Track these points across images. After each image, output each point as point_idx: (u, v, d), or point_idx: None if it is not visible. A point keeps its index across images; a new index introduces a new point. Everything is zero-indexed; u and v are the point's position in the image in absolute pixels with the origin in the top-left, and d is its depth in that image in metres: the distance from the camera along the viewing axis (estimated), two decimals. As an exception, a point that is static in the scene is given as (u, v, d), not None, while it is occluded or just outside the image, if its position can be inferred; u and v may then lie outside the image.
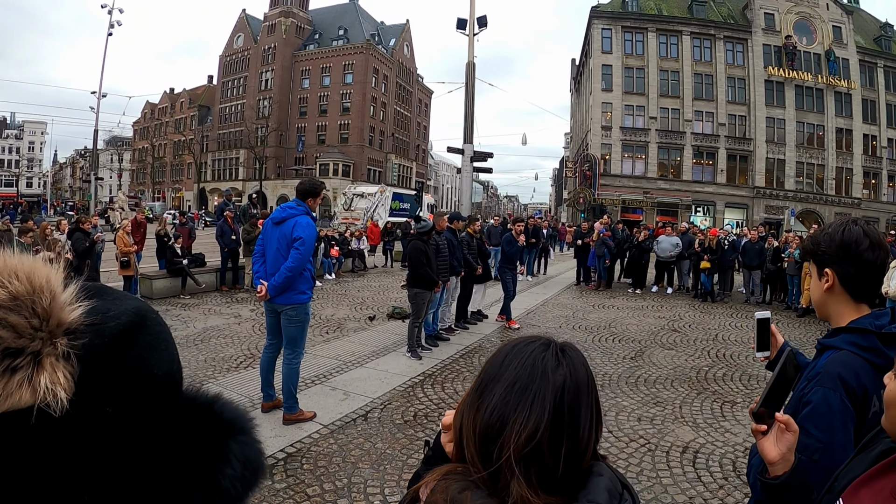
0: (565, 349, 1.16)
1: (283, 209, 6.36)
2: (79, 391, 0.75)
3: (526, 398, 1.07)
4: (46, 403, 0.72)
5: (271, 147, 75.52)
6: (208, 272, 15.78)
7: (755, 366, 9.28)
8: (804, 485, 1.49)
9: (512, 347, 1.17)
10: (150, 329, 0.86)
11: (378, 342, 10.13)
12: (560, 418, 1.07)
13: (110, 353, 0.79)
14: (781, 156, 52.05)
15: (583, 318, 13.39)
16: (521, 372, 1.10)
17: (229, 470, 0.87)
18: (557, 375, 1.10)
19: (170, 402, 0.88)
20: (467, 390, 1.20)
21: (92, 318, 0.79)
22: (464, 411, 1.16)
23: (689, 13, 54.50)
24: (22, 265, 0.78)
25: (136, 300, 0.90)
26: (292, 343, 6.26)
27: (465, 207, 18.54)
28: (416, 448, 5.64)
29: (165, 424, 0.84)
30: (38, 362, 0.73)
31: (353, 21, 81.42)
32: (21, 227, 13.27)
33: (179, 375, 0.92)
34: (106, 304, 0.83)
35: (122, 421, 0.79)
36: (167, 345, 0.89)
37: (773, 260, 16.52)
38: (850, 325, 1.80)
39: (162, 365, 0.87)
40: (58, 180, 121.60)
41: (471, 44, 19.01)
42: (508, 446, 1.04)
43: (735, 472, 5.35)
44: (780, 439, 1.49)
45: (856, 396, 1.66)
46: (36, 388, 0.72)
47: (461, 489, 1.06)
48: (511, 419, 1.06)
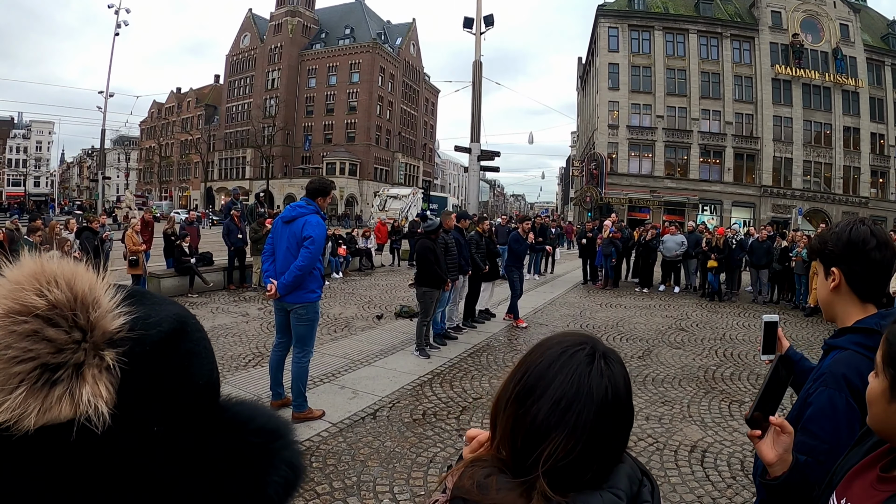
0: (609, 362, 1.16)
1: (292, 208, 6.37)
2: (120, 402, 0.72)
3: (569, 417, 1.09)
4: (87, 418, 0.69)
5: (278, 146, 75.68)
6: (216, 271, 15.82)
7: (763, 365, 9.23)
8: (803, 483, 1.52)
9: (558, 356, 1.16)
10: (190, 336, 0.84)
11: (386, 341, 10.15)
12: (598, 433, 1.10)
13: (152, 362, 0.76)
14: (789, 154, 51.92)
15: (590, 317, 13.39)
16: (568, 389, 1.11)
17: (275, 476, 0.86)
18: (600, 391, 1.12)
19: (212, 410, 0.86)
20: (504, 384, 1.21)
21: (133, 326, 0.76)
22: (501, 409, 1.18)
23: (695, 11, 54.42)
24: (62, 271, 0.75)
25: (176, 305, 0.87)
26: (302, 342, 6.28)
27: (472, 206, 18.55)
28: (424, 446, 5.66)
29: (210, 434, 0.82)
30: (79, 374, 0.70)
31: (359, 20, 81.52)
32: (30, 227, 13.34)
33: (218, 383, 0.88)
34: (146, 311, 0.80)
35: (165, 433, 0.77)
36: (207, 352, 0.87)
37: (780, 259, 16.48)
38: (855, 325, 1.81)
39: (203, 373, 0.84)
40: (65, 179, 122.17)
41: (478, 43, 19.02)
42: (546, 458, 1.07)
43: (743, 471, 5.35)
44: (777, 441, 1.53)
45: (860, 396, 1.65)
46: (77, 401, 0.69)
47: (487, 474, 1.10)
48: (552, 435, 1.08)
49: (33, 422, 0.67)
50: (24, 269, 0.74)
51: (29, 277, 0.73)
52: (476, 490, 1.08)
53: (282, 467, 0.87)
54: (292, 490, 0.89)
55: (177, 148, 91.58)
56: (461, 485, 1.11)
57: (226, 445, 0.84)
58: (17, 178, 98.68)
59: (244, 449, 0.85)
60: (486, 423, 4.76)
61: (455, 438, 5.88)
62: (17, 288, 0.72)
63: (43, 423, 0.68)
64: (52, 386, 0.69)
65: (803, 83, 51.83)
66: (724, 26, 53.11)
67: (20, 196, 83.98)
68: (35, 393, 0.68)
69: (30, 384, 0.68)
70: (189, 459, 0.79)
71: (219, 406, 0.89)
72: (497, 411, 1.19)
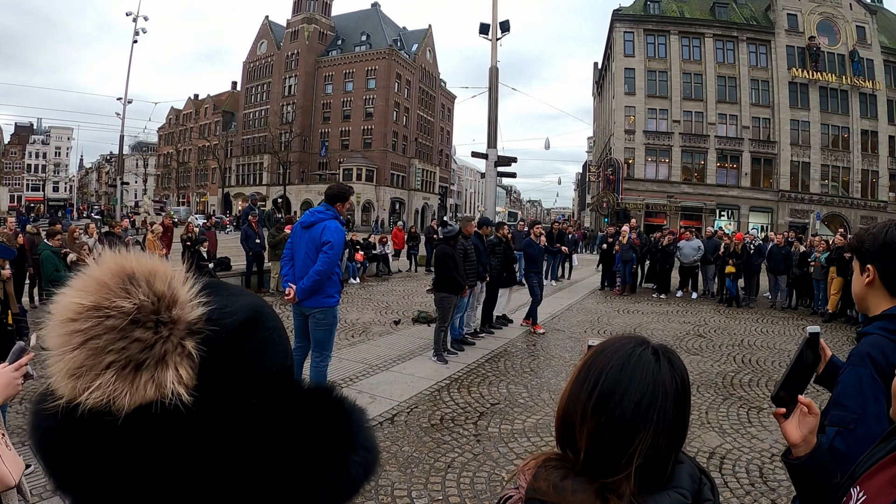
0: (671, 357, 1.26)
1: (311, 213, 6.41)
2: (200, 385, 0.79)
3: (652, 414, 1.17)
4: (170, 400, 0.76)
5: (295, 152, 75.82)
6: (233, 276, 15.93)
7: (782, 371, 9.22)
8: (825, 465, 1.58)
9: (627, 359, 1.23)
10: (265, 325, 0.89)
11: (404, 346, 10.18)
12: (677, 424, 1.21)
13: (228, 349, 0.82)
14: (806, 158, 51.49)
15: (608, 322, 13.38)
16: (646, 389, 1.19)
17: (354, 456, 0.90)
18: (673, 385, 1.21)
19: (288, 393, 0.90)
20: (569, 393, 1.27)
21: (210, 316, 0.83)
22: (578, 416, 1.22)
23: (711, 15, 54.12)
24: (141, 268, 0.83)
25: (252, 296, 0.94)
26: (320, 346, 6.32)
27: (490, 212, 18.48)
28: (442, 451, 5.68)
29: (289, 415, 0.87)
30: (164, 362, 0.77)
31: (375, 27, 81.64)
32: (48, 230, 13.49)
33: (292, 369, 0.94)
34: (224, 301, 0.86)
35: (242, 414, 0.83)
36: (281, 340, 0.92)
37: (799, 264, 16.39)
38: (883, 313, 1.95)
39: (276, 359, 0.89)
40: (84, 185, 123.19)
41: (494, 49, 19.00)
42: (635, 457, 1.14)
43: (762, 478, 5.33)
44: (803, 422, 1.58)
45: (884, 373, 1.76)
46: (161, 385, 0.76)
47: (562, 477, 1.17)
48: (640, 433, 1.16)
49: (126, 403, 0.75)
50: (105, 267, 0.82)
51: (111, 276, 0.81)
52: (553, 492, 1.15)
53: (360, 449, 0.91)
54: (370, 473, 0.93)
55: (194, 154, 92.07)
56: (537, 486, 1.18)
57: (310, 424, 0.89)
58: (37, 183, 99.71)
59: (327, 427, 0.90)
60: (504, 429, 4.78)
61: (473, 444, 5.90)
62: (102, 286, 0.80)
63: (135, 404, 0.76)
64: (137, 370, 0.76)
65: (820, 86, 51.36)
66: (740, 29, 52.77)
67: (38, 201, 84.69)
68: (124, 377, 0.76)
69: (118, 369, 0.76)
70: (267, 436, 0.84)
71: (295, 388, 0.93)
72: (571, 419, 1.24)
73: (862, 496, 1.25)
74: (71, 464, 0.81)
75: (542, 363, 9.38)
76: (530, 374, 8.66)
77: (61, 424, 0.79)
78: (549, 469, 1.20)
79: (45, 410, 0.81)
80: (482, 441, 5.99)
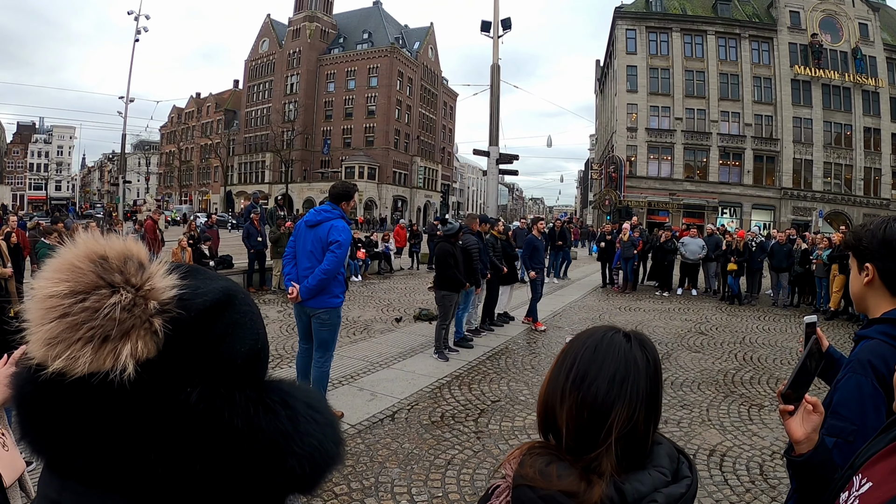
0: (642, 340, 1.35)
1: (317, 212, 6.35)
2: (161, 359, 0.82)
3: (625, 388, 1.25)
4: (119, 371, 0.79)
5: (297, 150, 75.85)
6: (236, 274, 15.91)
7: (783, 369, 9.23)
8: (826, 462, 1.58)
9: (599, 341, 1.32)
10: (237, 308, 0.91)
11: (405, 343, 10.19)
12: (650, 397, 1.28)
13: (194, 328, 0.85)
14: (809, 156, 51.39)
15: (609, 320, 13.33)
16: (618, 365, 1.27)
17: (296, 447, 0.89)
18: (644, 362, 1.30)
19: (249, 377, 0.91)
20: (550, 378, 1.35)
21: (182, 296, 0.86)
22: (558, 399, 1.29)
23: (713, 12, 54.03)
24: (113, 250, 0.86)
25: (227, 280, 0.96)
26: (324, 346, 6.28)
27: (492, 210, 18.49)
28: (443, 448, 5.69)
29: (240, 398, 0.88)
30: (127, 335, 0.81)
31: (377, 25, 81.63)
32: (45, 229, 13.57)
33: (264, 353, 0.96)
34: (197, 283, 0.89)
35: (199, 391, 0.84)
36: (253, 324, 0.94)
37: (801, 262, 16.37)
38: (883, 316, 1.88)
39: (245, 342, 0.91)
40: (86, 183, 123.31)
41: (495, 46, 18.99)
42: (613, 430, 1.21)
43: (762, 475, 5.33)
44: (807, 420, 1.59)
45: (885, 382, 1.72)
46: (117, 357, 0.79)
47: (547, 462, 1.22)
48: (616, 408, 1.22)
49: (82, 370, 0.79)
50: (79, 249, 0.86)
51: (85, 258, 0.84)
52: (539, 477, 1.20)
53: (307, 439, 0.91)
54: (320, 468, 0.93)
55: (197, 152, 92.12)
56: (524, 473, 1.23)
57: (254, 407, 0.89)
58: (39, 182, 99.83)
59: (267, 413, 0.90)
60: (504, 426, 4.80)
61: (473, 441, 5.91)
62: (75, 269, 0.83)
63: (90, 371, 0.79)
64: (104, 343, 0.80)
65: (823, 84, 51.23)
66: (743, 27, 52.66)
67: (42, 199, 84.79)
68: (92, 348, 0.79)
69: (88, 341, 0.79)
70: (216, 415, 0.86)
71: (260, 374, 0.96)
72: (551, 403, 1.31)
73: (866, 483, 1.25)
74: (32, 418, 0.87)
75: (542, 360, 9.37)
76: (531, 372, 8.66)
77: (30, 382, 0.84)
78: (534, 456, 1.25)
79: (21, 371, 0.86)
80: (483, 438, 5.99)
